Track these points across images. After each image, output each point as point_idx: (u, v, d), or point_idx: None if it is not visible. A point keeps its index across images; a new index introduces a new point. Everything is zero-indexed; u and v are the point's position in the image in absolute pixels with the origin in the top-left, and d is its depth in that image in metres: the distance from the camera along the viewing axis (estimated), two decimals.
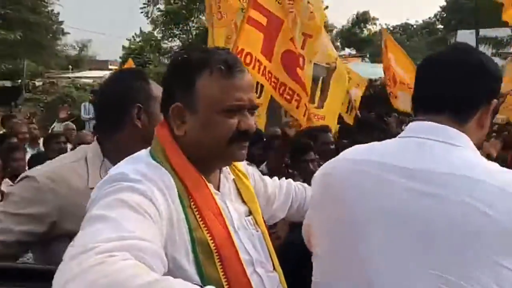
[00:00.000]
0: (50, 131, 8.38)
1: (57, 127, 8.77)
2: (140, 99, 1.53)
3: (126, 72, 1.75)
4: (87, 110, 12.64)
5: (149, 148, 1.21)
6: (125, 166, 1.12)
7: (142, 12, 20.62)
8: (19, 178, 1.49)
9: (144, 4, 20.54)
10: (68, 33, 26.67)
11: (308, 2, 4.53)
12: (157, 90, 1.57)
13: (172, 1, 19.82)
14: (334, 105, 5.53)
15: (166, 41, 21.51)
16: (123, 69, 1.90)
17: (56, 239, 1.43)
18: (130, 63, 8.02)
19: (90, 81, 18.72)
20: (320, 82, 5.40)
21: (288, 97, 4.31)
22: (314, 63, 4.90)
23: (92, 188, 1.43)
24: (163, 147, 1.17)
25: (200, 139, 1.16)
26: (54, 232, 1.42)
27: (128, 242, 0.86)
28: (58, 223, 1.42)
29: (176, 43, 21.32)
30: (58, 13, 25.07)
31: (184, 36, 20.67)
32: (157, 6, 20.47)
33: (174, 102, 1.17)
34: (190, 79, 1.16)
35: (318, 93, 5.64)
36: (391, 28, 32.78)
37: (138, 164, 1.12)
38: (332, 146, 4.13)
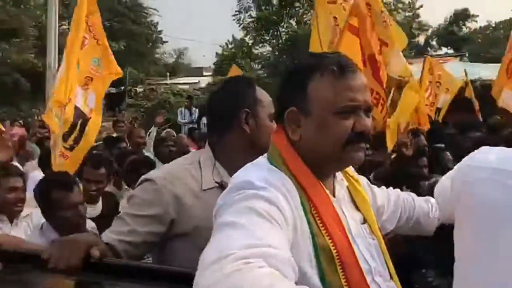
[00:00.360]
0: (147, 135, 8.92)
1: (153, 131, 9.26)
2: (247, 104, 1.60)
3: (235, 79, 1.84)
4: (183, 115, 13.31)
5: (266, 154, 1.23)
6: (248, 173, 1.13)
7: (234, 19, 21.21)
8: (139, 181, 1.59)
9: (236, 11, 21.12)
10: (166, 41, 28.14)
11: (382, 12, 4.46)
12: (262, 95, 1.64)
13: (263, 8, 20.17)
14: (403, 116, 5.37)
15: (257, 47, 21.90)
16: (232, 77, 2.01)
17: (172, 239, 1.51)
18: (235, 70, 8.13)
19: (186, 87, 19.62)
20: (392, 93, 5.28)
21: (375, 101, 4.29)
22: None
23: (205, 190, 1.53)
24: (280, 153, 1.18)
25: (315, 142, 1.15)
26: (172, 232, 1.50)
27: (262, 250, 0.87)
28: (176, 223, 1.49)
29: (266, 49, 21.66)
30: (157, 23, 26.57)
31: (274, 41, 20.92)
32: (249, 13, 20.94)
33: (289, 107, 1.18)
34: (302, 82, 1.17)
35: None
36: (494, 25, 30.56)
37: (260, 170, 1.13)
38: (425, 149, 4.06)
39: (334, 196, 1.21)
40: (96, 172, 3.46)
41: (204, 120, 13.01)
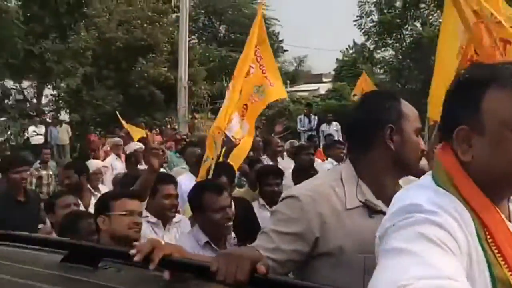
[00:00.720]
0: None
1: None
2: (392, 119, 1.54)
3: (376, 93, 1.80)
4: (302, 123, 13.40)
5: (429, 172, 1.16)
6: (415, 194, 1.07)
7: (355, 25, 20.88)
8: (282, 196, 1.61)
9: (357, 16, 20.78)
10: (287, 50, 28.52)
11: (492, 14, 4.08)
12: (408, 109, 1.57)
13: (385, 11, 19.60)
14: None
15: (378, 51, 21.34)
16: (373, 91, 1.97)
17: (315, 258, 1.49)
18: (365, 79, 7.90)
19: (305, 94, 19.77)
20: None
21: None
22: None
23: (349, 209, 1.49)
24: (449, 174, 1.10)
25: (492, 163, 1.06)
26: (315, 251, 1.49)
27: (440, 282, 0.83)
28: (319, 242, 1.48)
29: (389, 53, 20.99)
30: (278, 33, 27.07)
31: (397, 44, 20.20)
32: (370, 17, 20.47)
33: (458, 124, 1.10)
34: (475, 97, 1.08)
35: None
36: None
37: (427, 192, 1.07)
38: None
39: (510, 221, 1.11)
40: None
41: (322, 127, 13.00)
